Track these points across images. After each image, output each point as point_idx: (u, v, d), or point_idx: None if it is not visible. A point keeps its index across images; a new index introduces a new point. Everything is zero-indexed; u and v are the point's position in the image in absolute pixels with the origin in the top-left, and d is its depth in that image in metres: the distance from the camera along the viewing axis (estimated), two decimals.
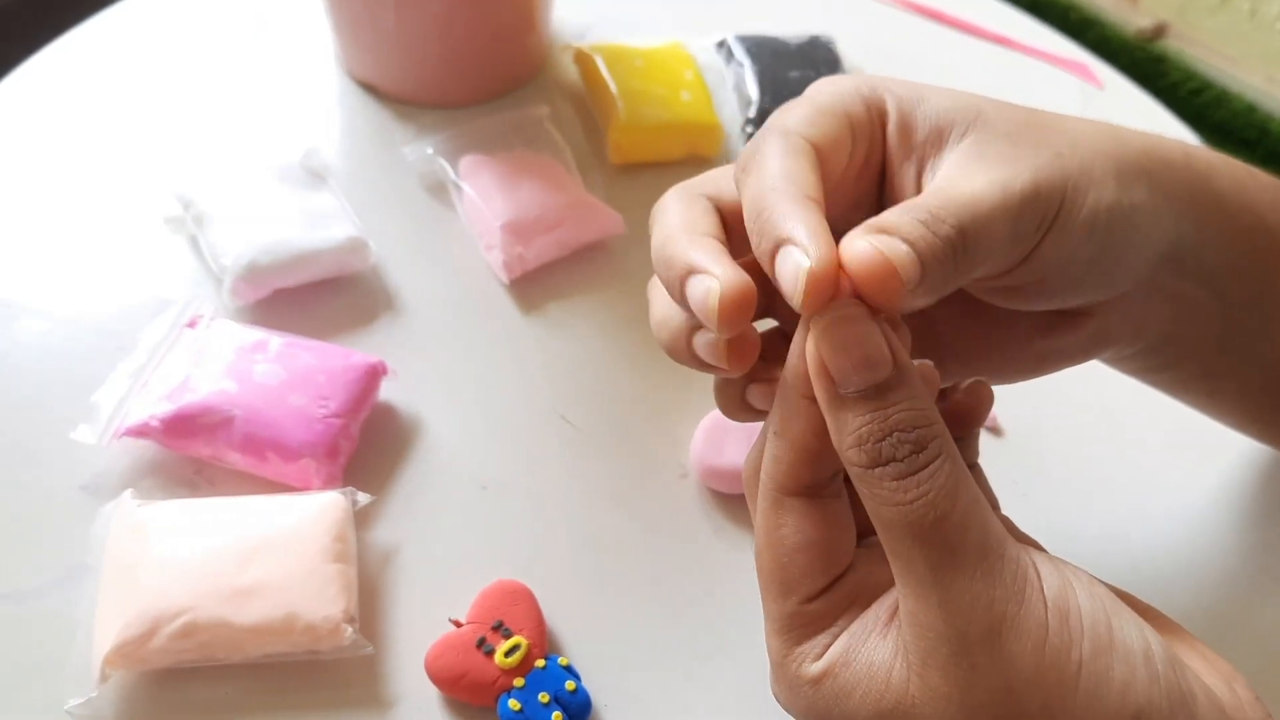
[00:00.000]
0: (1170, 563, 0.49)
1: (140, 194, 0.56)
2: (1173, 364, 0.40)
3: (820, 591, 0.30)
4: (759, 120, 0.63)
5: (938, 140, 0.33)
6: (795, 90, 0.64)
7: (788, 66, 0.65)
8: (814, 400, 0.29)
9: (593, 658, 0.43)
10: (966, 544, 0.27)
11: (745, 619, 0.44)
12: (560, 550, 0.46)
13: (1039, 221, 0.31)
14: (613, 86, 0.61)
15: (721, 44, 0.68)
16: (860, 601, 0.30)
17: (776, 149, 0.32)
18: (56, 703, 0.39)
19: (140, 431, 0.45)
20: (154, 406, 0.45)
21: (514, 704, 0.40)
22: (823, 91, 0.34)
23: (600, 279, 0.56)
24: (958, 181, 0.31)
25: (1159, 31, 1.16)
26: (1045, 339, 0.37)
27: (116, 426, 0.45)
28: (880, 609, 0.30)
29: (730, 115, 0.65)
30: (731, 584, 0.46)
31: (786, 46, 0.67)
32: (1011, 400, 0.53)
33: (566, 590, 0.44)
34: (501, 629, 0.41)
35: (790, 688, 0.30)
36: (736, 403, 0.35)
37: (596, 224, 0.57)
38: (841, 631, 0.30)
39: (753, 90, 0.64)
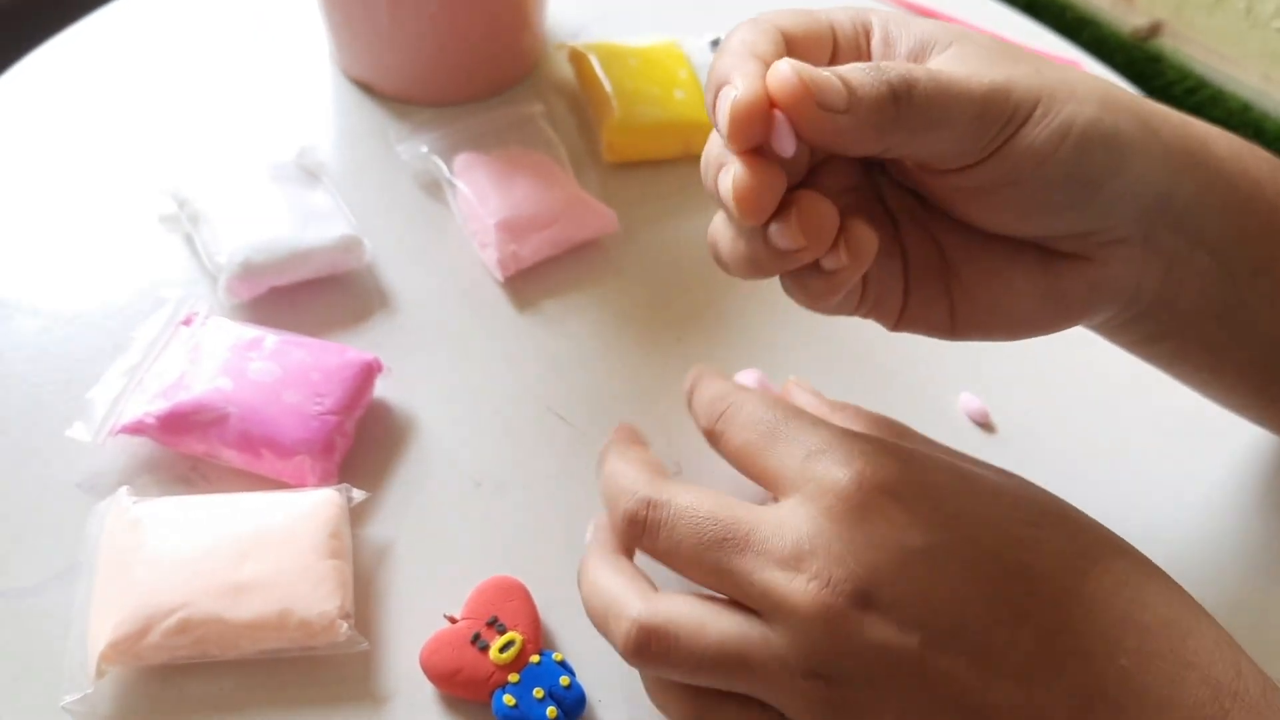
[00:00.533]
0: (1165, 558, 0.49)
1: (135, 192, 0.57)
2: (1172, 333, 0.40)
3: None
4: None
5: (920, 53, 0.35)
6: None
7: None
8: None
9: (587, 653, 0.43)
10: None
11: None
12: (555, 546, 0.46)
13: (1009, 114, 0.33)
14: (607, 85, 0.62)
15: (716, 43, 0.68)
16: None
17: (742, 28, 0.34)
18: (52, 699, 0.39)
19: (135, 429, 0.45)
20: (149, 404, 0.45)
21: (509, 699, 0.40)
22: (808, 5, 0.36)
23: (594, 277, 0.57)
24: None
25: (1154, 30, 1.16)
26: (1046, 277, 0.37)
27: (112, 424, 0.45)
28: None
29: None
30: None
31: None
32: (1003, 396, 0.54)
33: (561, 586, 0.44)
34: (496, 625, 0.42)
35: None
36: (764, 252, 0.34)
37: (591, 222, 0.57)
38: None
39: None
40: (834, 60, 0.36)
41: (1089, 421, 0.54)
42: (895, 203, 0.39)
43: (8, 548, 0.43)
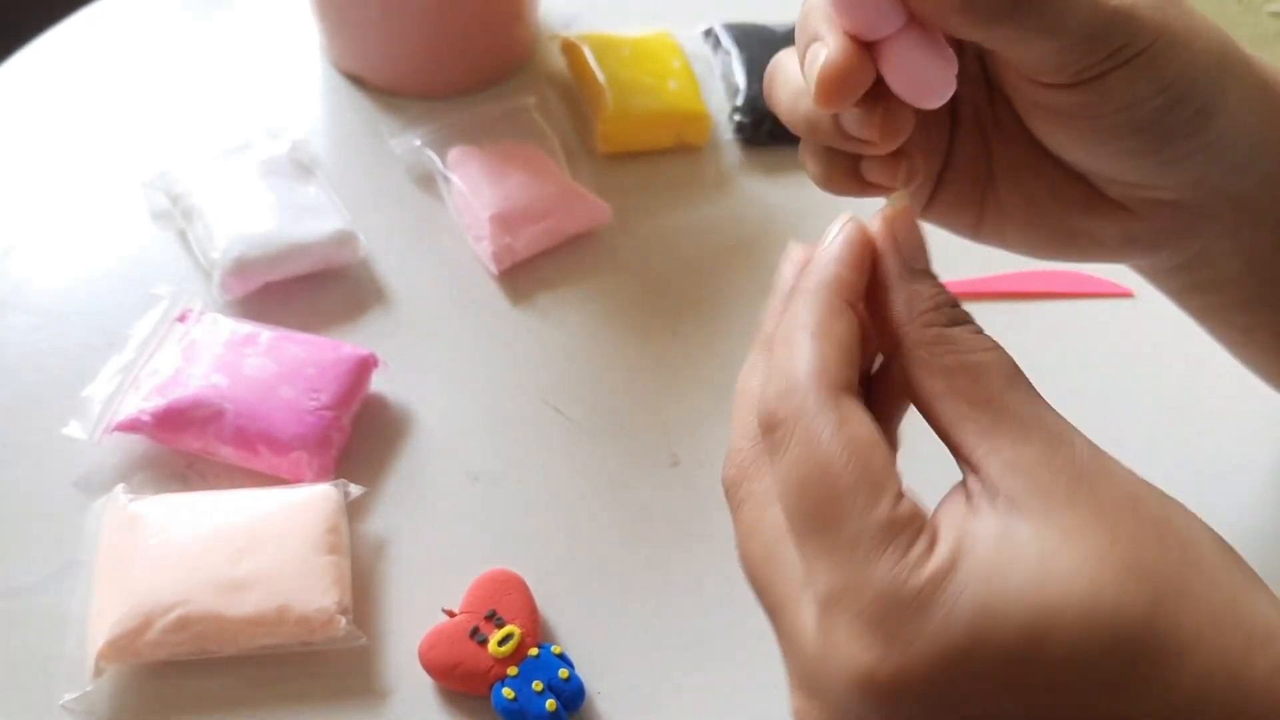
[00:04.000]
0: None
1: (128, 188, 0.56)
2: (1208, 289, 0.40)
3: (901, 489, 0.27)
4: (746, 108, 0.63)
5: None
6: None
7: (775, 54, 0.65)
8: (853, 306, 0.30)
9: (585, 645, 0.43)
10: (1034, 387, 0.29)
11: (736, 604, 0.44)
12: (552, 539, 0.46)
13: (1123, 43, 0.31)
14: (600, 76, 0.61)
15: (709, 33, 0.68)
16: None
17: None
18: (51, 697, 0.39)
19: (131, 426, 0.45)
20: (145, 401, 0.45)
21: (508, 692, 0.40)
22: None
23: (589, 268, 0.57)
24: None
25: None
26: (1084, 217, 0.37)
27: (108, 422, 0.45)
28: (951, 502, 0.27)
29: (718, 104, 0.65)
30: (722, 570, 0.46)
31: (774, 34, 0.67)
32: None
33: (559, 579, 0.45)
34: (494, 618, 0.42)
35: (914, 614, 0.24)
36: (844, 172, 0.34)
37: (585, 214, 0.57)
38: (937, 528, 0.26)
39: (740, 78, 0.64)
40: None
41: (1086, 414, 0.54)
42: (963, 93, 0.37)
43: (5, 547, 0.43)
